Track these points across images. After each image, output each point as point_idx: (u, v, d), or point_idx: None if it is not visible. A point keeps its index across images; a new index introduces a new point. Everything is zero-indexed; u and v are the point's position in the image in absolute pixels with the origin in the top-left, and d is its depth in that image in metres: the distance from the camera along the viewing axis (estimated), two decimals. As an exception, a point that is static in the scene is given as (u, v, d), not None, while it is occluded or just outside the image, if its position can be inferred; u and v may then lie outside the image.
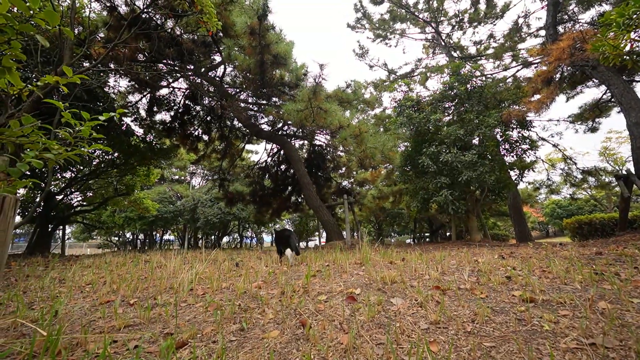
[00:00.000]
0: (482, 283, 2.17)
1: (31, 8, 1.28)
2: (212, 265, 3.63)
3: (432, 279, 2.33)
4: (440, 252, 5.27)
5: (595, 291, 1.85)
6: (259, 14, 6.04)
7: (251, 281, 2.62)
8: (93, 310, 2.15)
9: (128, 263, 4.18)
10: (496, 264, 3.00)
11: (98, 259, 4.92)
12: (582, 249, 5.30)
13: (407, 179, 9.89)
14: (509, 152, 9.49)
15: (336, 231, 8.87)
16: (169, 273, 3.17)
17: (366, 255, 3.30)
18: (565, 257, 4.06)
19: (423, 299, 1.84)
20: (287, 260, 3.62)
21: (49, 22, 1.32)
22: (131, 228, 25.73)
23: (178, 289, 2.49)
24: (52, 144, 1.85)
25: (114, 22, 7.42)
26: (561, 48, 7.12)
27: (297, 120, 6.43)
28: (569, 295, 1.79)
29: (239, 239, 34.82)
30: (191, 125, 12.31)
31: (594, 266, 2.94)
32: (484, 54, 14.91)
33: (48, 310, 2.14)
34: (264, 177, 12.81)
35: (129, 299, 2.35)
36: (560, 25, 11.19)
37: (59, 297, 2.51)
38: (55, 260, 4.88)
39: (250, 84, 8.10)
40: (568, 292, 1.89)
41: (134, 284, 2.71)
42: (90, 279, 3.09)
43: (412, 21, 15.73)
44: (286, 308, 1.90)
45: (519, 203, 13.07)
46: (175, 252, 6.65)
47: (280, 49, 6.53)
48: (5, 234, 1.17)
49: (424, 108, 9.43)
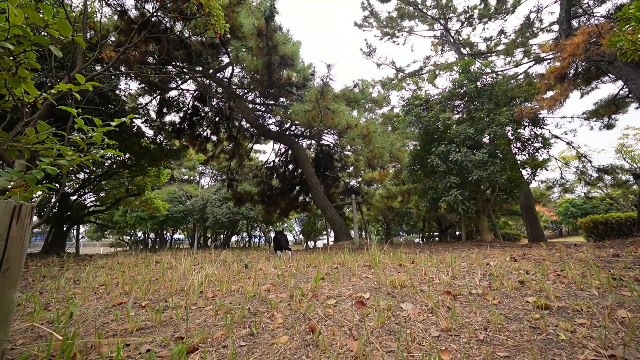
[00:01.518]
0: (495, 288, 2.13)
1: (45, 20, 1.30)
2: (221, 266, 3.66)
3: (442, 283, 2.30)
4: (451, 254, 5.20)
5: (614, 298, 1.79)
6: (266, 15, 6.05)
7: (260, 284, 2.63)
8: (106, 312, 2.19)
9: (140, 264, 4.26)
10: (508, 267, 2.94)
11: (111, 260, 5.02)
12: (598, 250, 5.15)
13: (415, 179, 9.78)
14: (521, 150, 9.29)
15: (344, 231, 8.84)
16: (179, 275, 3.21)
17: (375, 257, 3.27)
18: (581, 259, 3.96)
19: (434, 305, 1.81)
20: (284, 256, 4.70)
21: (62, 32, 1.34)
22: (142, 227, 26.25)
23: (188, 291, 2.51)
24: (66, 150, 1.88)
25: (124, 26, 7.55)
26: (575, 43, 6.91)
27: (305, 120, 6.42)
28: (585, 302, 1.74)
29: (248, 238, 35.14)
30: (200, 126, 12.45)
31: (611, 270, 2.85)
32: (495, 50, 14.62)
33: (64, 312, 2.20)
34: (272, 177, 12.86)
35: (140, 301, 2.38)
36: (575, 20, 10.87)
37: (74, 298, 2.57)
38: (70, 261, 5.01)
39: (257, 84, 8.14)
40: (585, 298, 1.84)
41: (146, 285, 2.75)
42: (104, 280, 3.15)
43: (421, 18, 15.53)
44: (295, 312, 1.90)
45: (531, 202, 12.79)
46: (185, 253, 6.74)
47: (287, 50, 6.53)
48: (22, 241, 1.20)
49: (433, 106, 9.30)
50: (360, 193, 12.39)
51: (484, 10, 13.90)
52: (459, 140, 8.13)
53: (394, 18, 14.85)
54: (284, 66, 7.01)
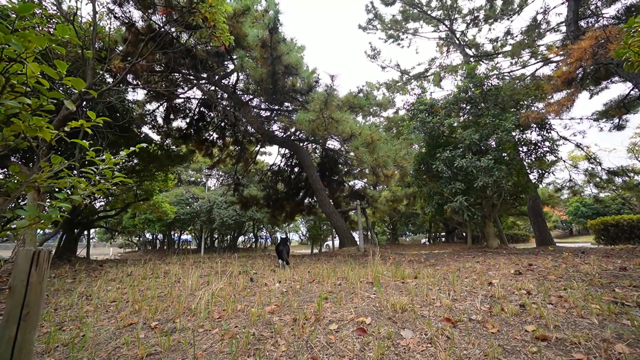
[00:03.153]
0: (495, 313, 2.15)
1: (60, 74, 1.38)
2: (227, 281, 3.74)
3: (443, 307, 2.33)
4: (455, 263, 5.20)
5: (613, 329, 1.80)
6: (270, 27, 6.13)
7: (264, 303, 2.70)
8: (118, 334, 2.29)
9: (149, 276, 4.38)
10: (511, 286, 2.95)
11: (121, 270, 5.16)
12: (605, 260, 5.10)
13: (421, 183, 9.75)
14: (528, 155, 9.19)
15: (349, 237, 8.89)
16: (187, 291, 3.30)
17: (377, 274, 3.31)
18: (587, 273, 3.94)
19: (433, 334, 1.85)
20: (282, 266, 5.08)
21: (75, 86, 1.42)
22: (150, 229, 26.67)
23: (196, 311, 2.60)
24: (80, 182, 1.98)
25: (131, 38, 7.71)
26: (582, 48, 6.82)
27: (310, 129, 6.48)
28: (584, 333, 1.76)
29: (254, 239, 35.43)
30: (206, 131, 12.63)
31: (615, 289, 2.84)
32: (501, 52, 14.45)
33: (77, 333, 2.30)
34: (278, 181, 12.96)
35: (150, 321, 2.47)
36: (583, 20, 10.69)
37: (87, 317, 2.67)
38: (82, 271, 5.16)
39: (262, 92, 8.22)
40: (584, 328, 1.86)
41: (155, 304, 2.84)
42: (115, 296, 3.26)
43: (425, 20, 15.44)
44: (298, 339, 1.96)
45: (539, 205, 12.63)
46: (193, 259, 6.87)
47: (291, 59, 6.60)
48: (41, 286, 1.28)
49: (438, 111, 9.26)
50: (366, 197, 12.40)
51: (489, 11, 13.75)
52: (464, 146, 8.09)
53: (398, 21, 14.79)
54: (288, 75, 7.07)
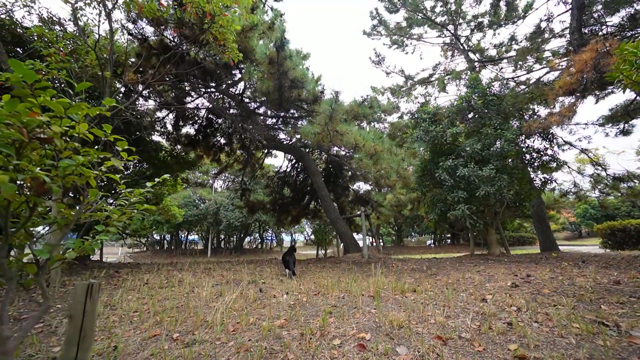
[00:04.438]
0: (483, 332, 2.37)
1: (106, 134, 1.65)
2: (239, 292, 4.01)
3: (437, 324, 2.56)
4: (455, 274, 5.40)
5: (587, 349, 2.01)
6: (277, 45, 6.40)
7: (274, 317, 2.96)
8: (144, 345, 2.56)
9: (164, 286, 4.68)
10: (503, 302, 3.16)
11: (137, 277, 5.48)
12: (603, 271, 5.25)
13: (424, 189, 9.91)
14: (531, 163, 9.30)
15: (353, 243, 9.11)
16: (202, 302, 3.58)
17: (378, 290, 3.55)
18: (581, 287, 4.11)
19: (425, 351, 2.08)
20: (289, 276, 5.36)
21: (119, 145, 1.68)
22: (159, 230, 27.23)
23: (212, 323, 2.86)
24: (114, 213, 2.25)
25: (144, 52, 8.06)
26: (583, 60, 6.93)
27: (314, 141, 6.73)
28: (559, 353, 1.97)
29: (260, 240, 35.89)
30: (214, 137, 12.98)
31: (602, 306, 3.03)
32: (505, 56, 14.51)
33: (108, 344, 2.58)
34: (284, 186, 13.24)
35: (172, 333, 2.75)
36: (587, 28, 10.73)
37: (114, 327, 2.96)
38: (101, 278, 5.49)
39: (269, 102, 8.50)
40: (561, 347, 2.07)
41: (174, 315, 3.13)
42: (136, 307, 3.55)
43: (430, 25, 15.56)
44: (305, 353, 2.20)
45: (543, 211, 12.68)
46: (203, 267, 7.18)
47: (297, 74, 6.86)
48: (94, 314, 1.55)
49: (441, 119, 9.42)
50: (370, 202, 12.61)
51: (493, 17, 13.82)
52: (466, 155, 8.24)
53: (402, 27, 14.95)
54: (294, 87, 7.33)
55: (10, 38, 6.09)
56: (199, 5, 5.16)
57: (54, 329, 2.92)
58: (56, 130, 1.44)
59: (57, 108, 1.48)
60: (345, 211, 12.60)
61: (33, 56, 5.69)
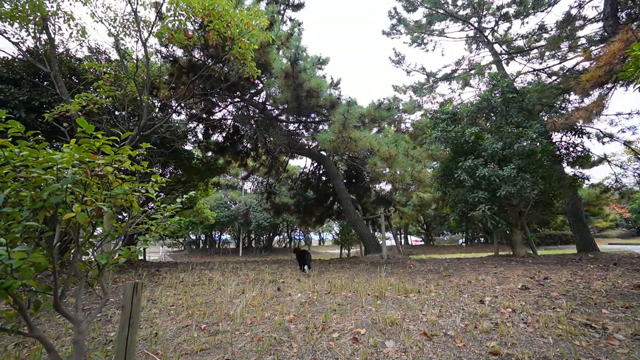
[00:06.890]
0: (468, 330, 2.60)
1: (144, 168, 2.15)
2: (259, 290, 4.49)
3: (428, 322, 2.82)
4: (469, 276, 5.48)
5: (562, 348, 2.18)
6: (292, 60, 6.84)
7: (286, 313, 3.38)
8: (178, 332, 3.10)
9: (196, 283, 5.31)
10: (501, 304, 3.30)
11: (174, 276, 6.21)
12: (630, 275, 5.06)
13: (445, 190, 9.83)
14: (560, 160, 8.89)
15: (373, 244, 9.33)
16: (227, 298, 4.11)
17: (381, 290, 3.83)
18: (595, 290, 4.09)
19: (409, 345, 2.37)
20: (306, 271, 6.18)
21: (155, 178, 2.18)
22: (194, 231, 29.16)
23: (233, 317, 3.35)
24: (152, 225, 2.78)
25: (175, 71, 8.93)
26: (612, 52, 6.57)
27: (330, 147, 7.09)
28: (532, 351, 2.16)
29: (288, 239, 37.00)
30: (240, 143, 13.82)
31: (603, 310, 3.07)
32: (535, 46, 13.76)
33: (150, 332, 3.15)
34: (307, 189, 13.73)
35: (200, 324, 3.27)
36: (625, 11, 9.95)
37: (155, 318, 3.56)
38: (144, 277, 6.29)
39: (288, 110, 9.00)
40: (536, 346, 2.25)
41: (203, 309, 3.67)
42: (172, 301, 4.17)
43: (452, 19, 15.18)
44: (307, 344, 2.59)
45: (579, 209, 11.91)
46: (231, 267, 7.83)
47: (312, 84, 7.25)
48: (139, 307, 2.05)
49: (460, 119, 9.31)
50: (392, 202, 12.69)
51: (520, 6, 13.19)
52: (486, 155, 8.12)
53: (422, 25, 14.76)
54: (311, 97, 7.73)
55: (67, 71, 7.11)
56: (219, 31, 5.75)
57: (109, 318, 3.57)
58: (109, 170, 1.95)
59: (109, 152, 1.99)
60: (368, 211, 12.79)
61: (87, 87, 6.64)
